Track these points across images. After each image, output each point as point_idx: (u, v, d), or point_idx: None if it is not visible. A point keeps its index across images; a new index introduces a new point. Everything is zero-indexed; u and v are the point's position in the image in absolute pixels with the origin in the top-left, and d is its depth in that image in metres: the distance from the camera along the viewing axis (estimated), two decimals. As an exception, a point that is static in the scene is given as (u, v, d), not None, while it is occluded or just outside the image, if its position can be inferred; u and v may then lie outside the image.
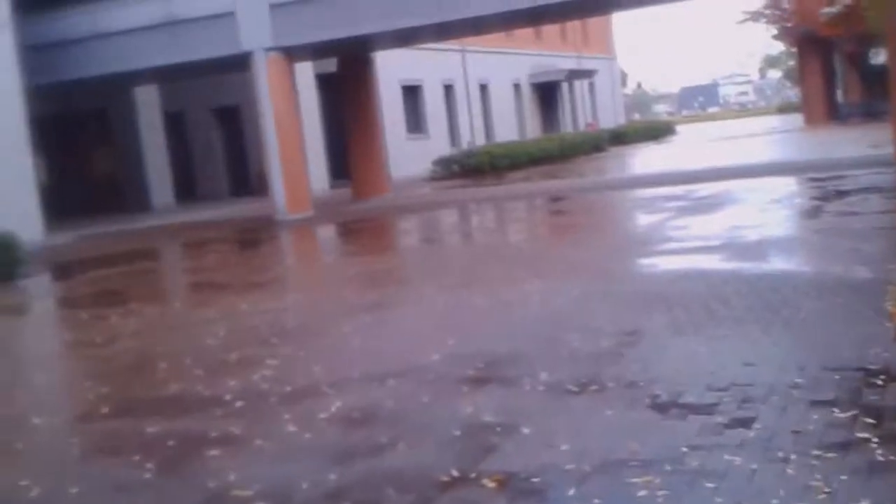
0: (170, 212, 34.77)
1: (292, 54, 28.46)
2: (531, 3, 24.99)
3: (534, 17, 32.19)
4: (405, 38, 31.49)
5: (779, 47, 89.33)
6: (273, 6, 27.51)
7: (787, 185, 22.00)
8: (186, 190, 40.07)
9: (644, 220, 17.67)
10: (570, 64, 60.56)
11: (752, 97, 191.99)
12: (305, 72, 37.64)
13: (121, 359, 10.09)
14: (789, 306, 8.90)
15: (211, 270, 18.05)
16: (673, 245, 13.73)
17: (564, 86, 59.66)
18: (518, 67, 55.15)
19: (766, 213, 16.72)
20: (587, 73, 62.37)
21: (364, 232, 23.20)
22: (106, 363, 9.95)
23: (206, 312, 12.30)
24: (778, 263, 11.39)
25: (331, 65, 33.82)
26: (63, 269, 20.90)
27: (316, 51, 30.93)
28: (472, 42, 47.24)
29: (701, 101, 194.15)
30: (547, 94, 58.76)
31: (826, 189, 19.43)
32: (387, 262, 16.05)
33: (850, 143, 32.45)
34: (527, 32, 54.09)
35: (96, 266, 20.01)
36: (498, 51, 51.47)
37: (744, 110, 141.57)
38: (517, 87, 55.57)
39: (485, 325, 9.68)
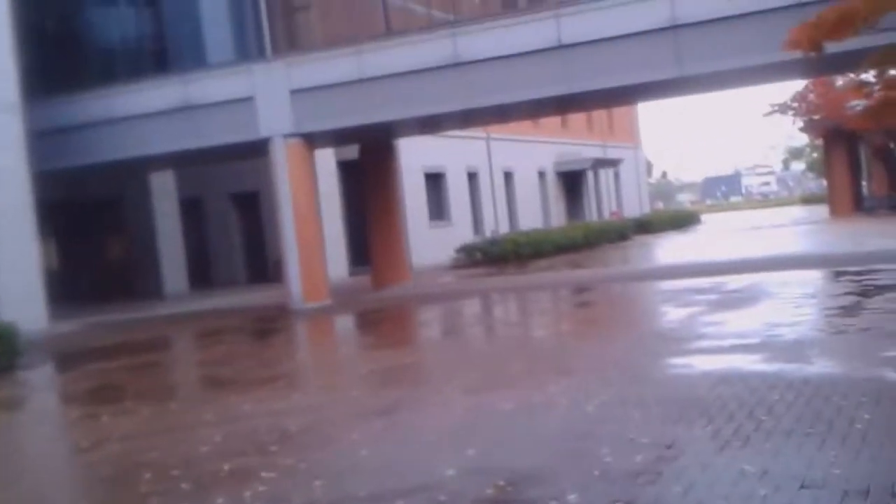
0: (183, 299, 34.24)
1: (312, 141, 27.95)
2: (556, 92, 24.39)
3: (560, 106, 31.64)
4: (428, 125, 30.97)
5: (803, 139, 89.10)
6: (294, 92, 27.03)
7: (820, 278, 21.20)
8: (202, 276, 39.66)
9: (674, 314, 16.75)
10: (596, 152, 60.11)
11: (774, 188, 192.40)
12: (327, 158, 37.26)
13: (103, 467, 9.27)
14: (843, 417, 8.03)
15: (216, 364, 17.25)
16: (707, 343, 12.82)
17: (590, 174, 59.11)
18: (543, 155, 54.69)
19: (803, 309, 15.83)
20: (612, 163, 61.91)
21: (382, 323, 22.42)
22: (86, 471, 9.18)
23: (205, 413, 11.46)
24: (823, 366, 10.45)
25: (353, 151, 33.34)
26: (63, 361, 20.15)
27: (337, 137, 30.43)
28: (497, 129, 46.92)
29: (724, 190, 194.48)
30: (572, 182, 58.22)
31: (863, 284, 18.54)
32: (404, 358, 15.19)
33: (880, 235, 31.71)
34: (553, 120, 53.83)
35: (97, 358, 19.28)
36: (523, 139, 51.14)
37: (766, 201, 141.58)
38: (542, 174, 55.06)
39: (507, 433, 8.80)
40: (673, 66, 22.84)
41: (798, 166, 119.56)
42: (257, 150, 28.00)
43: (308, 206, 27.77)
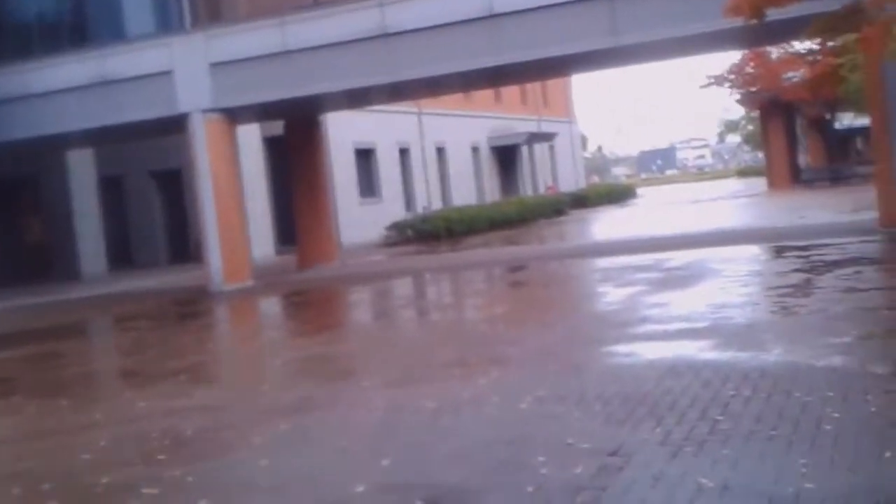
0: (100, 281, 32.92)
1: (234, 116, 26.66)
2: (487, 64, 23.32)
3: (492, 79, 30.47)
4: (356, 99, 29.74)
5: (738, 112, 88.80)
6: (214, 65, 25.77)
7: (765, 254, 20.29)
8: (122, 257, 38.31)
9: (615, 294, 15.68)
10: (530, 127, 59.20)
11: (709, 161, 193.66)
12: (252, 134, 35.97)
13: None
14: (809, 416, 7.02)
15: (121, 354, 16.02)
16: (652, 328, 11.77)
17: (524, 149, 58.26)
18: (477, 130, 53.62)
19: (751, 287, 14.89)
20: (547, 137, 61.01)
21: (304, 306, 21.30)
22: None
23: (96, 412, 10.29)
24: (780, 354, 9.39)
25: (279, 126, 31.95)
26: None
27: (260, 113, 29.14)
28: (428, 104, 45.80)
29: (659, 164, 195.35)
30: (506, 157, 57.25)
31: (810, 260, 17.58)
32: (324, 346, 14.03)
33: (821, 208, 31.03)
34: (486, 94, 52.83)
35: (-3, 346, 17.95)
36: (456, 113, 50.05)
37: (702, 174, 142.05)
38: (475, 149, 53.99)
39: (429, 438, 7.68)
40: (608, 35, 21.87)
41: (734, 139, 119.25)
42: (176, 126, 26.66)
43: (229, 183, 26.53)
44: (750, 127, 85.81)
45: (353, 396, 9.77)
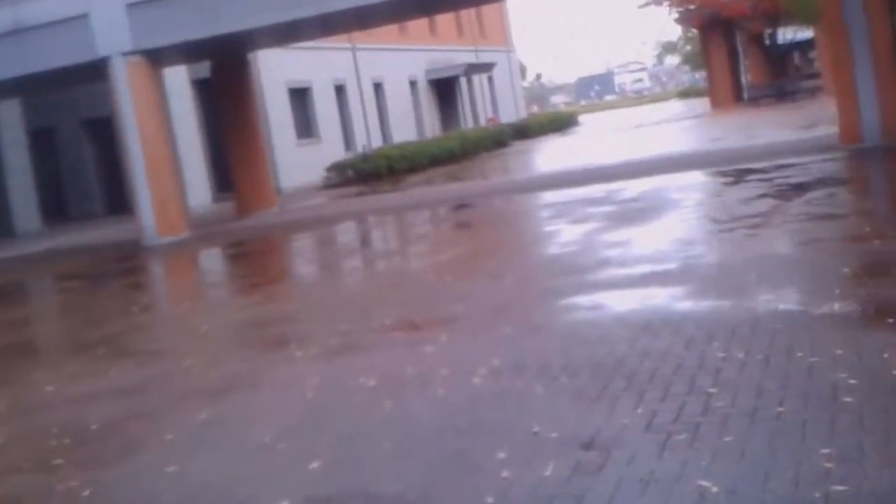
0: (34, 238, 31.66)
1: (157, 58, 25.13)
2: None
3: (424, 6, 28.95)
4: (283, 34, 28.18)
5: (675, 33, 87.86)
6: (130, 5, 24.30)
7: (723, 179, 19.01)
8: (57, 211, 36.82)
9: (568, 232, 14.46)
10: (468, 58, 57.74)
11: (647, 84, 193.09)
12: (180, 76, 34.39)
13: None
14: (820, 383, 5.87)
15: (38, 322, 14.74)
16: (614, 272, 10.59)
17: (463, 81, 56.80)
18: (413, 64, 52.09)
19: (717, 220, 13.66)
20: (486, 67, 59.59)
21: (239, 260, 20.04)
22: None
23: (-4, 400, 9.08)
24: (768, 301, 8.18)
25: (208, 68, 30.38)
26: None
27: (185, 53, 27.56)
28: (363, 38, 44.24)
29: (597, 90, 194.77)
30: (445, 90, 55.76)
31: (776, 184, 16.47)
32: (256, 308, 12.76)
33: (771, 125, 30.09)
34: (421, 27, 51.40)
35: None
36: (391, 47, 48.52)
37: (641, 97, 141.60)
38: (413, 84, 52.45)
39: (368, 428, 6.43)
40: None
41: (672, 61, 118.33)
42: (98, 72, 25.09)
43: (157, 130, 25.09)
44: (688, 47, 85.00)
45: (285, 373, 8.56)
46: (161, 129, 25.36)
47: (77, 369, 10.17)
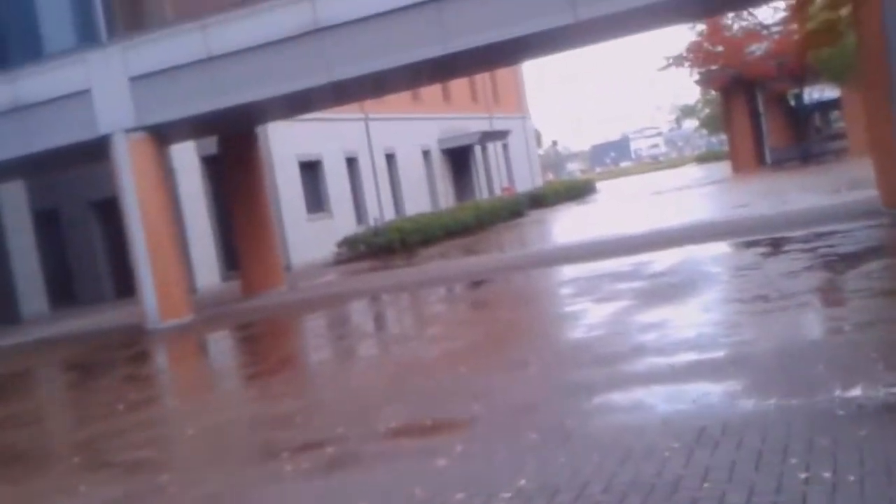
0: (40, 323, 30.60)
1: (161, 135, 24.12)
2: (432, 54, 20.90)
3: (439, 72, 27.65)
4: (293, 105, 27.19)
5: (692, 96, 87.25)
6: (133, 79, 23.34)
7: (763, 250, 17.45)
8: (65, 295, 35.71)
9: (595, 312, 13.14)
10: (482, 125, 56.78)
11: (663, 149, 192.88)
12: (189, 153, 33.41)
13: None
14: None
15: (14, 425, 13.31)
16: (654, 362, 9.22)
17: (477, 149, 55.77)
18: (427, 132, 51.09)
19: (764, 297, 12.10)
20: (501, 135, 58.61)
21: (241, 347, 18.87)
22: None
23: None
24: (848, 397, 6.86)
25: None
26: None
27: (191, 128, 26.52)
28: (375, 108, 43.40)
29: (613, 156, 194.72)
30: (459, 159, 54.72)
31: (821, 254, 15.07)
32: (252, 405, 11.48)
33: (803, 190, 28.93)
34: (434, 94, 50.52)
35: None
36: (404, 116, 47.64)
37: (658, 163, 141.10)
38: (426, 153, 51.40)
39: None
40: (566, 10, 19.47)
41: (690, 125, 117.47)
42: (100, 150, 24.07)
43: (160, 210, 23.99)
44: (706, 111, 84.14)
45: (270, 494, 7.26)
46: (165, 209, 24.26)
47: (43, 485, 8.92)
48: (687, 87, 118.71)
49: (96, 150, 24.15)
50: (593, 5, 19.19)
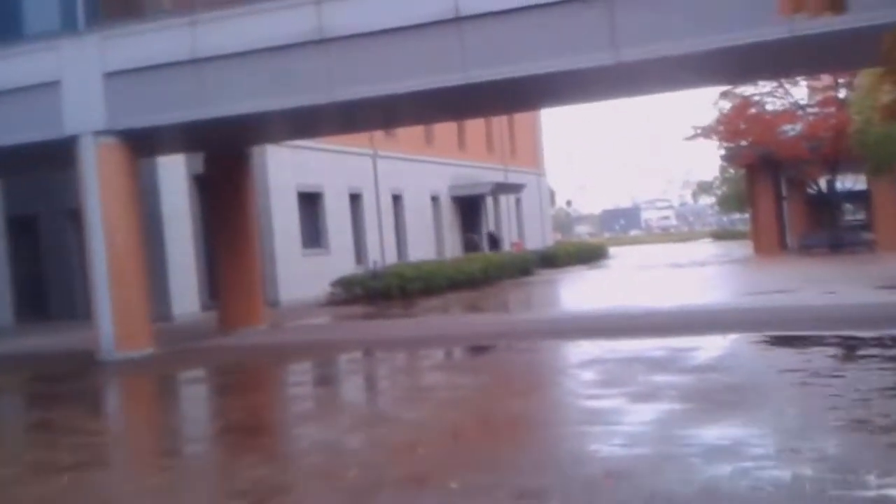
0: (2, 336, 28.03)
1: (135, 143, 21.13)
2: (451, 82, 18.06)
3: (454, 107, 24.57)
4: (290, 127, 24.49)
5: (709, 172, 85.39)
6: (109, 75, 20.46)
7: (834, 351, 14.26)
8: (36, 307, 32.88)
9: (633, 417, 10.02)
10: (497, 176, 53.96)
11: (673, 222, 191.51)
12: (176, 169, 30.54)
13: None
14: None
15: None
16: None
17: (489, 200, 52.93)
18: (438, 177, 48.26)
19: (866, 421, 9.19)
20: (515, 188, 55.80)
21: (193, 398, 15.93)
22: None
23: None
24: None
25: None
26: None
27: (172, 140, 23.80)
28: (385, 145, 40.73)
29: (622, 223, 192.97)
30: (469, 208, 51.82)
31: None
32: (171, 488, 8.59)
33: (845, 280, 26.14)
34: (449, 138, 47.88)
35: None
36: (415, 158, 44.89)
37: (668, 235, 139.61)
38: (435, 199, 48.50)
39: None
40: (607, 49, 16.67)
41: (705, 201, 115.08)
42: (66, 154, 21.23)
43: (127, 228, 21.16)
44: (723, 189, 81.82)
45: None
46: (133, 227, 21.35)
47: None
48: (701, 162, 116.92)
49: (61, 153, 21.27)
50: (637, 47, 16.45)
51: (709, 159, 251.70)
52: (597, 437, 9.26)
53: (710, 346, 15.31)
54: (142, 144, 21.61)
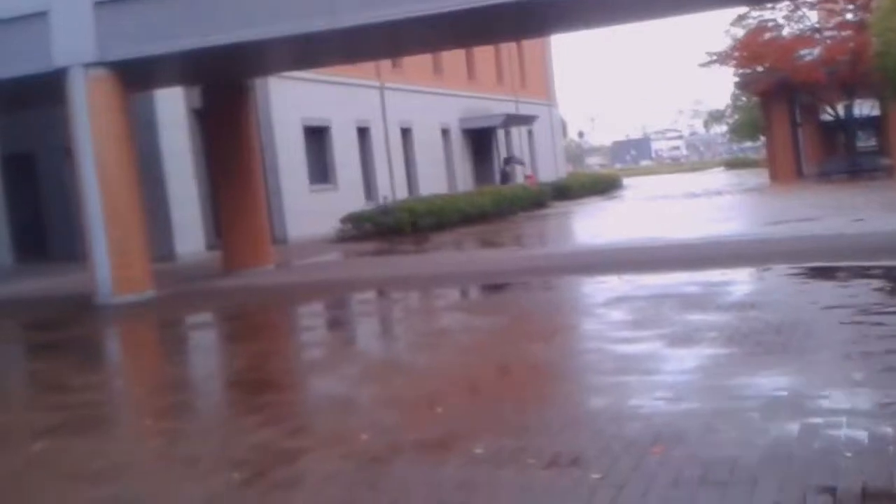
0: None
1: (129, 75, 19.98)
2: (455, 6, 16.89)
3: (461, 33, 23.17)
4: (292, 56, 23.29)
5: (719, 101, 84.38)
6: (98, 4, 19.35)
7: (879, 283, 13.32)
8: (36, 248, 31.91)
9: (673, 363, 9.06)
10: (508, 108, 52.73)
11: (684, 152, 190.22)
12: (176, 104, 29.39)
13: None
14: None
15: None
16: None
17: (500, 132, 51.75)
18: (447, 110, 47.06)
19: None
20: (526, 119, 54.58)
21: (195, 344, 14.95)
22: None
23: None
24: None
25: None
26: None
27: (166, 72, 22.65)
28: (392, 77, 39.55)
29: (633, 154, 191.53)
30: (480, 141, 50.68)
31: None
32: (181, 449, 7.68)
33: (870, 206, 25.11)
34: (457, 70, 46.74)
35: None
36: (424, 90, 43.61)
37: (679, 164, 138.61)
38: (446, 132, 47.34)
39: None
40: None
41: (716, 130, 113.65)
42: (55, 89, 20.12)
43: (121, 164, 20.09)
44: (736, 117, 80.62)
45: None
46: (127, 164, 20.25)
47: None
48: (711, 91, 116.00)
49: (50, 88, 20.15)
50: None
51: (719, 88, 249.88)
52: (635, 390, 8.20)
53: (744, 280, 14.36)
54: (134, 77, 20.45)
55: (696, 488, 5.63)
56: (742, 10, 44.62)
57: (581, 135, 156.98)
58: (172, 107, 29.62)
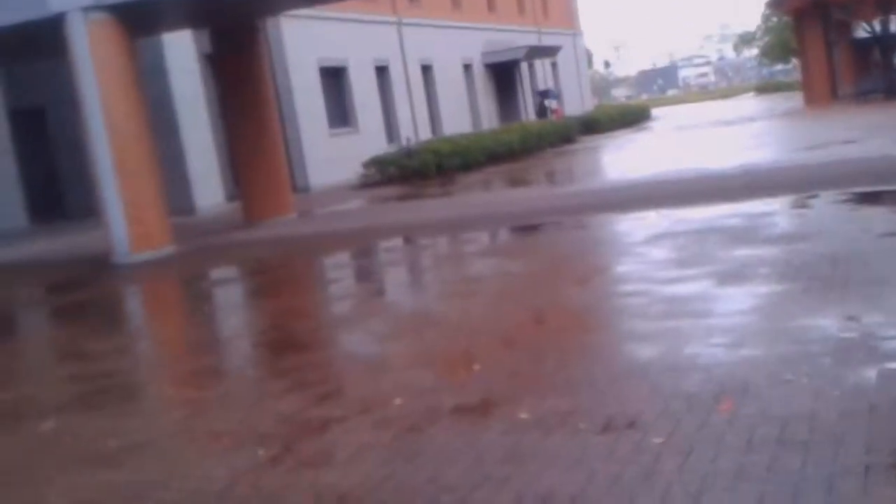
0: (13, 240, 26.12)
1: (131, 19, 19.08)
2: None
3: None
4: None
5: (746, 25, 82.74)
6: (97, -61, 18.43)
7: None
8: (52, 207, 31.10)
9: (727, 304, 8.26)
10: (530, 40, 51.60)
11: (712, 79, 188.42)
12: (185, 50, 28.52)
13: None
14: None
15: None
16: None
17: (524, 66, 50.65)
18: (468, 44, 45.98)
19: None
20: (550, 51, 53.47)
21: (218, 300, 14.21)
22: None
23: None
24: None
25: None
26: None
27: (171, 14, 21.76)
28: (410, 12, 38.54)
29: (660, 83, 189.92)
30: (503, 75, 49.59)
31: None
32: (198, 423, 6.97)
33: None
34: (477, 1, 45.40)
35: None
36: (443, 24, 42.61)
37: (708, 92, 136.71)
38: (468, 67, 46.30)
39: None
40: None
41: (747, 53, 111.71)
42: (55, 38, 19.28)
43: (130, 115, 19.23)
44: (766, 38, 79.10)
45: None
46: (136, 114, 19.36)
47: None
48: (739, 15, 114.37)
49: (50, 36, 19.32)
50: None
51: (748, 9, 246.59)
52: (689, 336, 7.39)
53: (789, 210, 13.55)
54: (138, 21, 19.50)
55: (773, 451, 4.84)
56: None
57: (607, 65, 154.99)
58: (183, 52, 28.73)
